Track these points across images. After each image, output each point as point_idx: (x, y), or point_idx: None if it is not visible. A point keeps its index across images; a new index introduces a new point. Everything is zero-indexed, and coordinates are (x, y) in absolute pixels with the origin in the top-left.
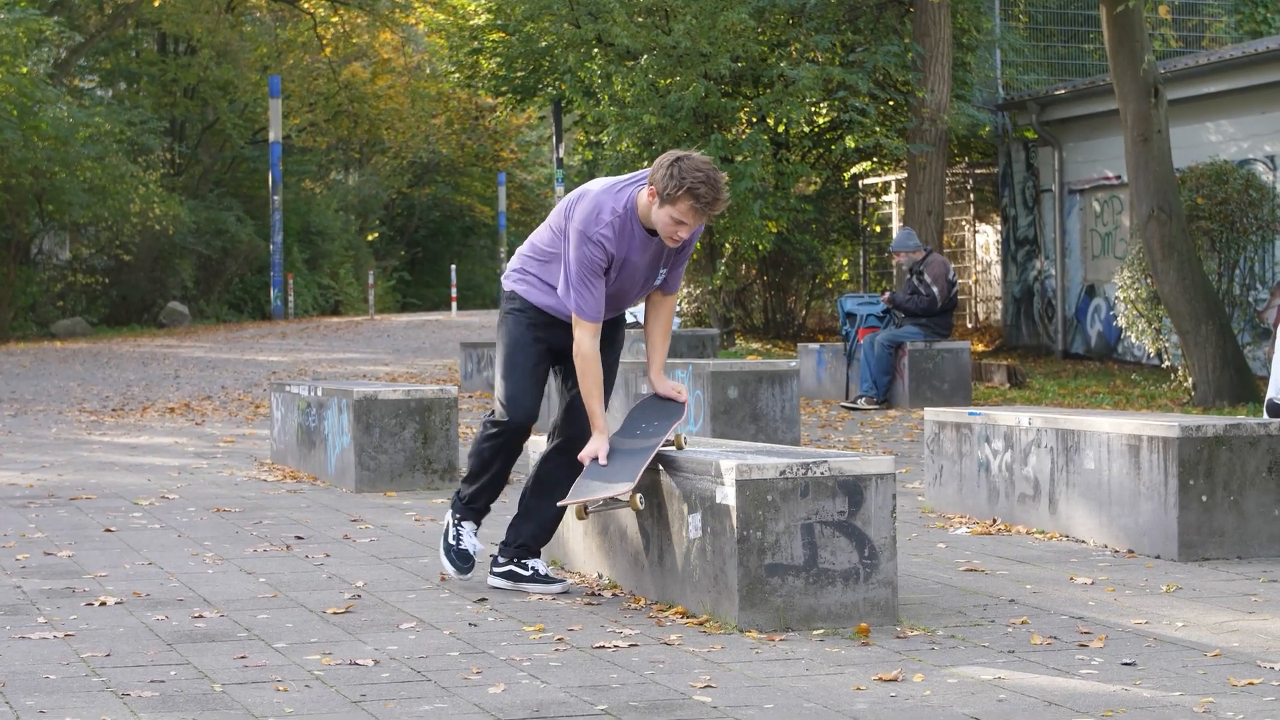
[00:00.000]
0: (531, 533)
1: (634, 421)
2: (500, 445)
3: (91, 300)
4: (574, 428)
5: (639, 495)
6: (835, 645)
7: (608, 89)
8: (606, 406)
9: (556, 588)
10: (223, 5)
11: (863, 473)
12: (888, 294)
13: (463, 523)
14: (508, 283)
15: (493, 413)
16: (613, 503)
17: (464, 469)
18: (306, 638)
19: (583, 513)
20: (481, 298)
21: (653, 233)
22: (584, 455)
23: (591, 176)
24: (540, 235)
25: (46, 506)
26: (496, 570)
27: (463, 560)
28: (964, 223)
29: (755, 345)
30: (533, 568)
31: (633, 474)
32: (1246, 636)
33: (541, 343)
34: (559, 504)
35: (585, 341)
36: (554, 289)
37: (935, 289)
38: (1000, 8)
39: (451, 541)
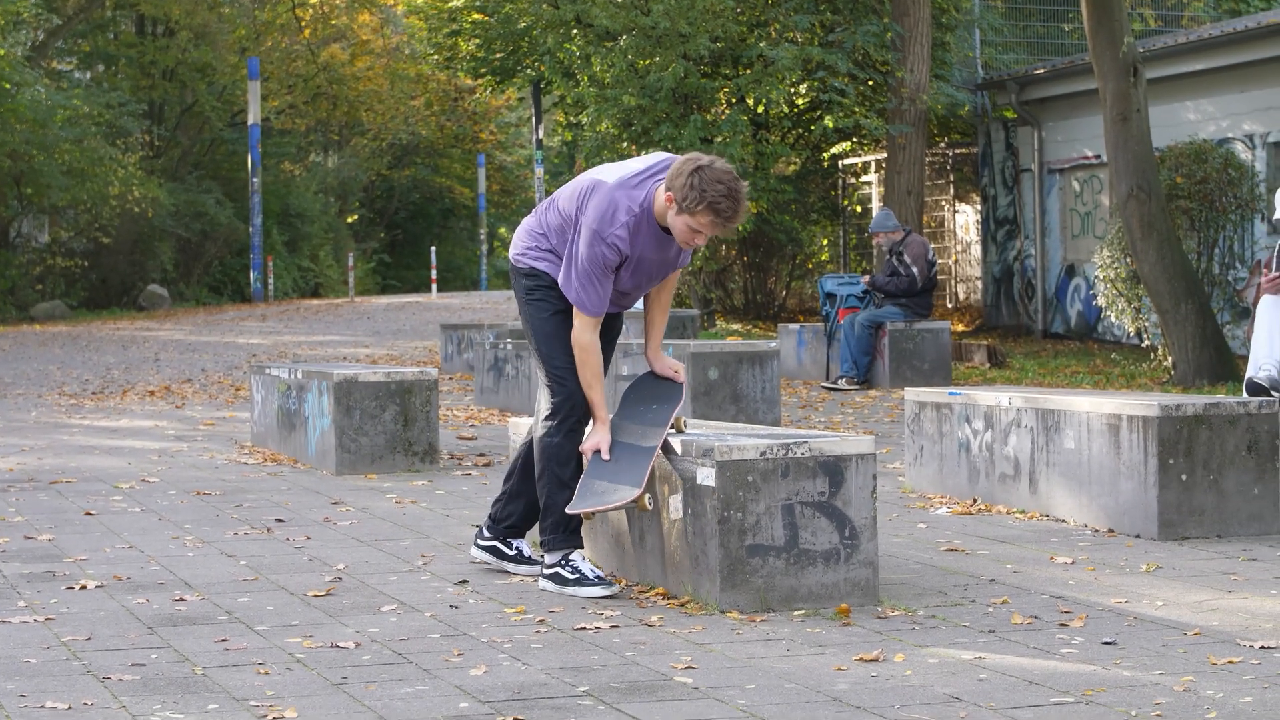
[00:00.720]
0: (521, 514)
1: (631, 403)
2: (572, 425)
3: (71, 283)
4: None
5: (647, 496)
6: (816, 626)
7: (587, 70)
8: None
9: (537, 569)
10: None
11: (843, 453)
12: (868, 276)
13: (570, 557)
14: (526, 260)
15: (546, 413)
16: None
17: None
18: (287, 620)
19: (588, 515)
20: (461, 279)
21: (668, 231)
22: (585, 448)
23: (571, 158)
24: (550, 217)
25: (26, 490)
26: (481, 543)
27: (603, 582)
28: (943, 203)
29: (735, 326)
30: (517, 548)
31: (639, 477)
32: (1226, 615)
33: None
34: (567, 510)
35: (585, 333)
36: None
37: (915, 269)
38: None
39: (571, 577)
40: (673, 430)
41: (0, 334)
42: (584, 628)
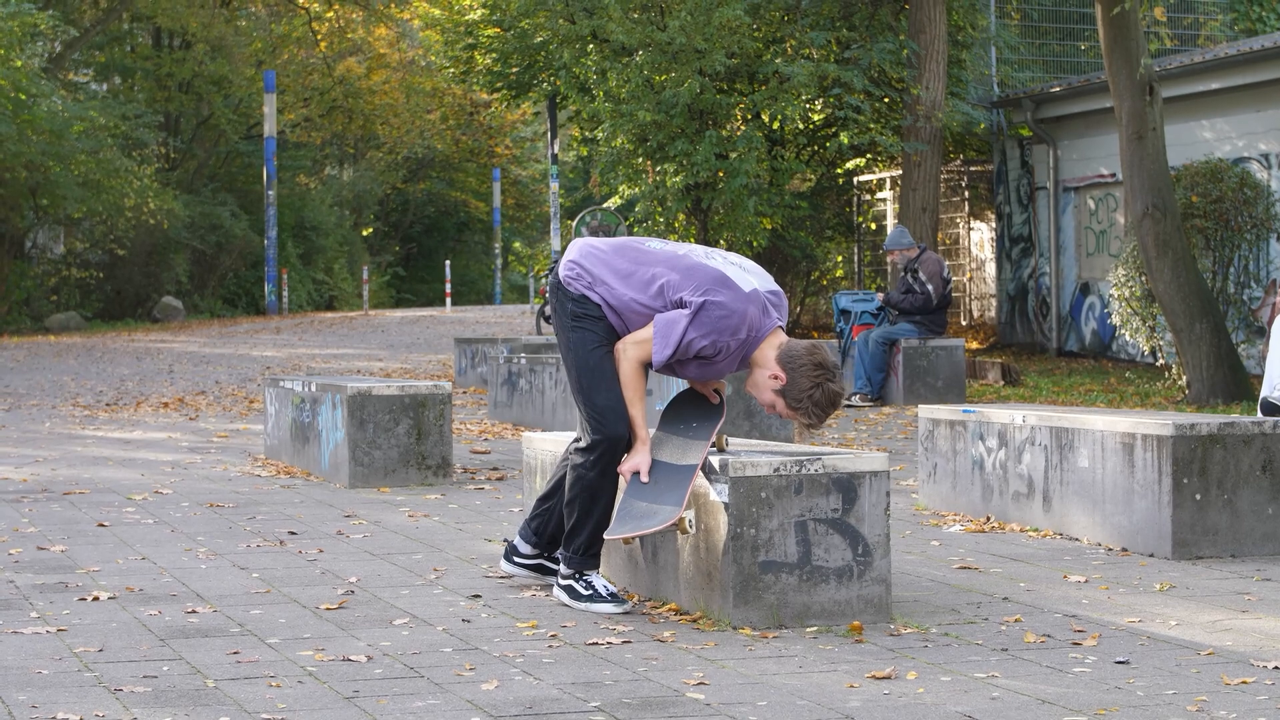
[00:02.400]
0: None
1: (671, 420)
2: (606, 464)
3: (86, 295)
4: None
5: (686, 519)
6: (829, 643)
7: (603, 85)
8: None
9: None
10: (218, 0)
11: (857, 470)
12: (883, 293)
13: (585, 575)
14: (578, 286)
15: (577, 440)
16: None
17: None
18: (299, 633)
19: (627, 541)
20: (476, 293)
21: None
22: (625, 469)
23: (586, 173)
24: (616, 263)
25: (40, 501)
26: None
27: (616, 599)
28: (959, 220)
29: None
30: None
31: (679, 497)
32: (1240, 635)
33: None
34: (606, 536)
35: (636, 360)
36: (619, 315)
37: (930, 287)
38: (995, 5)
39: (585, 592)
40: (714, 449)
41: (15, 345)
42: (596, 643)
